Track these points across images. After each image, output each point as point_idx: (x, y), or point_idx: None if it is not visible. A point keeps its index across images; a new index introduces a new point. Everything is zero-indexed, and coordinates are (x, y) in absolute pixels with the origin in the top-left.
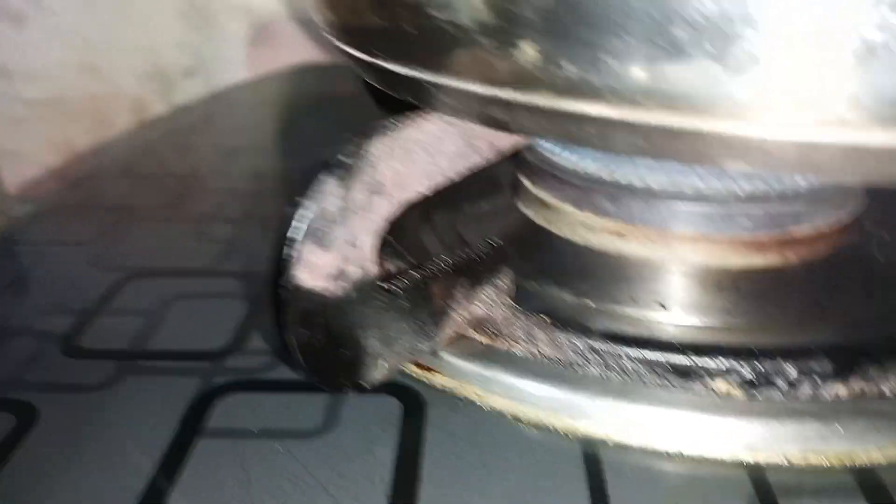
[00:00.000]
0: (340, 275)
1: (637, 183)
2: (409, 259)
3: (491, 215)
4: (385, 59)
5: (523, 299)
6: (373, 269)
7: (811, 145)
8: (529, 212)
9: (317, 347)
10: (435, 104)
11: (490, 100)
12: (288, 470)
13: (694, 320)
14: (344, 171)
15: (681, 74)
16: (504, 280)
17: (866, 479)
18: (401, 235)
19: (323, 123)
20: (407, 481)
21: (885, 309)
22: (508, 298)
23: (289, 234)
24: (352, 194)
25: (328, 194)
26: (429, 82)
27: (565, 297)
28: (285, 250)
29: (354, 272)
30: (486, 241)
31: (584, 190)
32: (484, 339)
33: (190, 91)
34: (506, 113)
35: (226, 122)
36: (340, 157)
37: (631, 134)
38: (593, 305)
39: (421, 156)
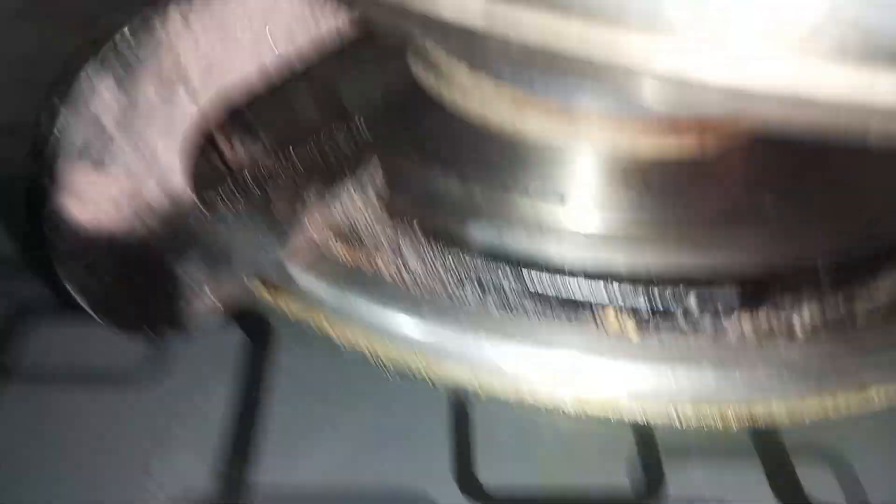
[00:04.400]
0: (132, 197)
1: None
2: (264, 139)
3: (376, 68)
4: None
5: (401, 183)
6: (177, 180)
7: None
8: (419, 69)
9: (105, 290)
10: None
11: None
12: (96, 431)
13: (594, 216)
14: (118, 58)
15: None
16: (368, 175)
17: (763, 436)
18: (269, 99)
19: None
20: (239, 439)
21: (807, 210)
22: (374, 198)
23: (42, 152)
24: (135, 88)
25: (96, 92)
26: None
27: (450, 184)
28: (40, 174)
29: (150, 190)
30: (348, 127)
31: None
32: (344, 251)
33: None
34: None
35: None
36: (113, 38)
37: (491, 40)
38: (480, 194)
39: (241, 27)
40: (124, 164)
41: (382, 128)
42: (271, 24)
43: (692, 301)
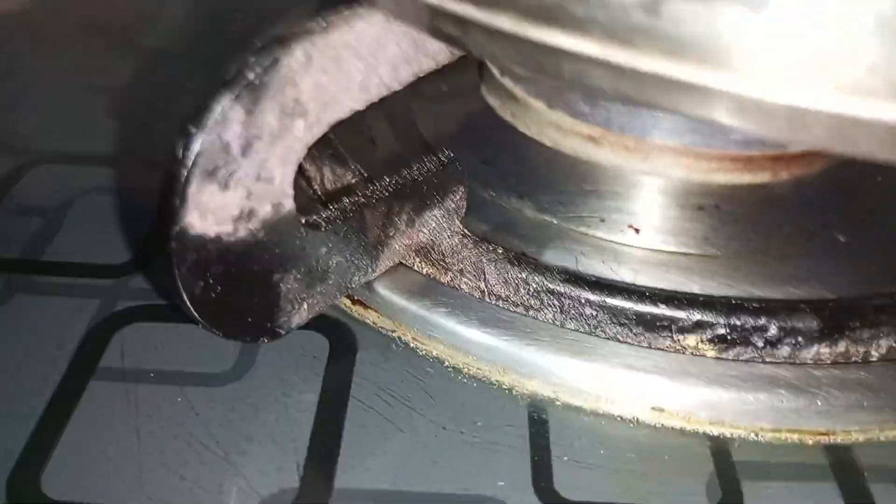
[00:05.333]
0: (247, 215)
1: None
2: (352, 165)
3: (451, 99)
4: None
5: (478, 211)
6: (289, 203)
7: (837, 116)
8: (494, 102)
9: (215, 299)
10: (376, 2)
11: (439, 11)
12: (185, 428)
13: (668, 247)
14: (248, 91)
15: (694, 16)
16: (455, 201)
17: (841, 459)
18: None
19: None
20: (323, 442)
21: (878, 240)
22: (458, 223)
23: (175, 174)
24: (260, 119)
25: (227, 121)
26: None
27: (526, 212)
28: (171, 193)
29: (265, 211)
30: (437, 156)
31: (558, 86)
32: (427, 269)
33: None
34: (459, 29)
35: None
36: (244, 73)
37: (616, 76)
38: (555, 223)
39: (354, 65)
40: (245, 186)
41: (462, 158)
42: (379, 61)
43: (772, 328)
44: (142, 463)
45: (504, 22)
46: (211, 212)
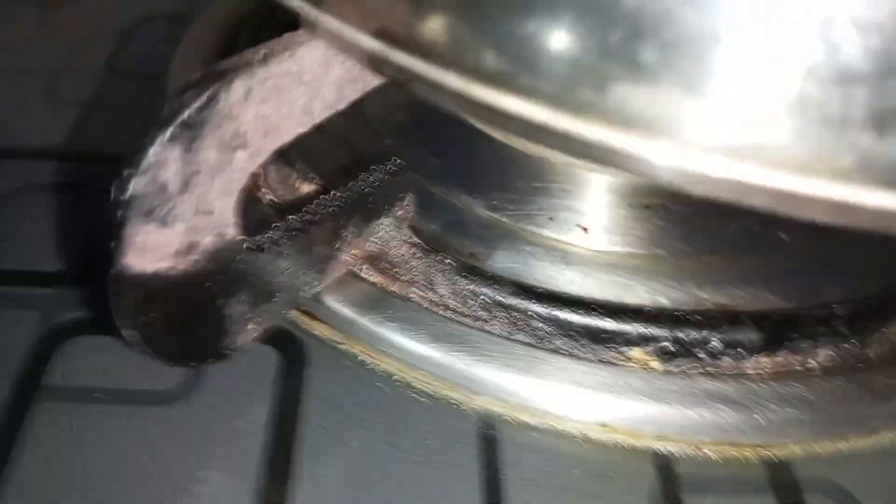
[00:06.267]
0: (187, 248)
1: None
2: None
3: (406, 97)
4: None
5: (428, 208)
6: (231, 231)
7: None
8: None
9: (159, 329)
10: (319, 36)
11: (381, 56)
12: (132, 450)
13: (615, 247)
14: (185, 129)
15: (638, 96)
16: (403, 208)
17: (778, 472)
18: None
19: None
20: (274, 461)
21: (820, 238)
22: (409, 231)
23: (111, 217)
24: (199, 155)
25: (164, 161)
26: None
27: (476, 210)
28: (107, 236)
29: (207, 241)
30: (386, 164)
31: None
32: (377, 278)
33: None
34: (404, 76)
35: None
36: (180, 111)
37: (562, 139)
38: (505, 221)
39: (297, 91)
40: (184, 221)
41: (411, 150)
42: (323, 84)
43: (714, 341)
44: (88, 487)
45: (451, 79)
46: (149, 250)
